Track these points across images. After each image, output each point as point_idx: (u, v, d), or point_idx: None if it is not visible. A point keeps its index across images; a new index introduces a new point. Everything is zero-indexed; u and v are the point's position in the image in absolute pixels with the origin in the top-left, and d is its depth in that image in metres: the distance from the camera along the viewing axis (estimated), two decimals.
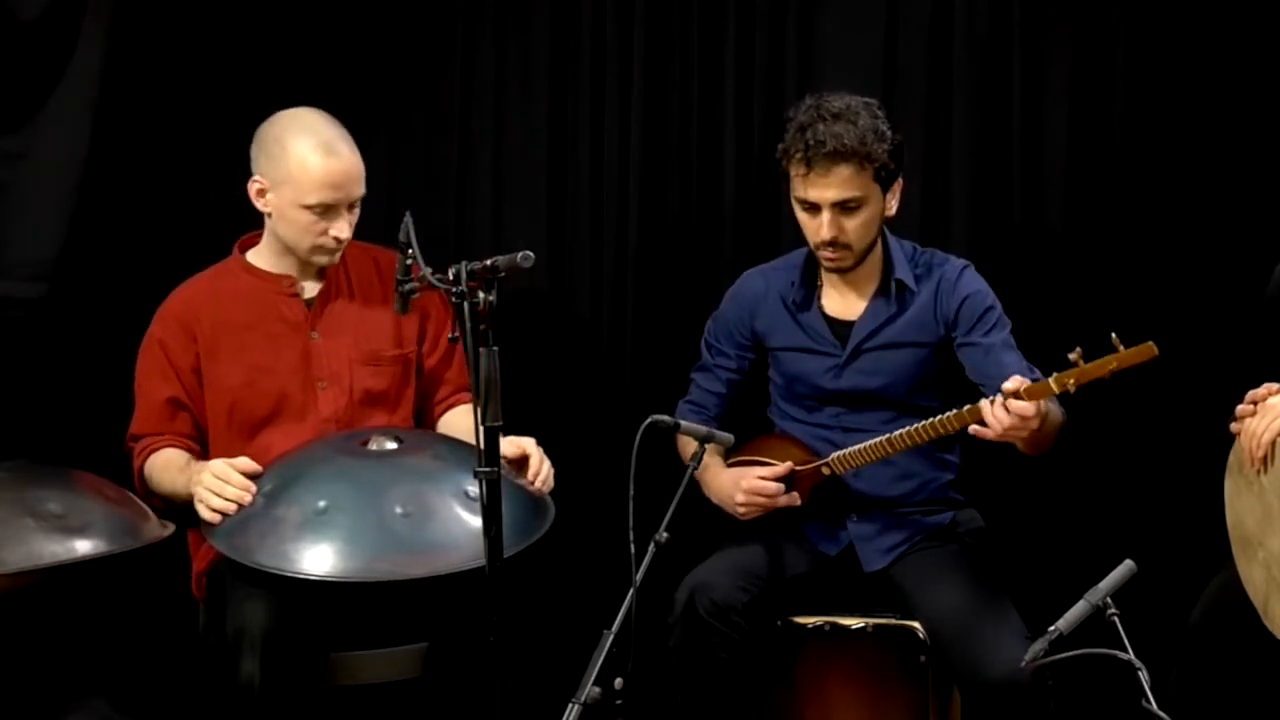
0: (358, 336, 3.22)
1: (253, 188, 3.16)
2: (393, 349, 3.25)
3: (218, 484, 2.94)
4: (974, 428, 2.96)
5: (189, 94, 3.81)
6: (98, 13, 3.55)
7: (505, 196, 3.89)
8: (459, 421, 3.24)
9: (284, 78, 3.85)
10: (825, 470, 3.22)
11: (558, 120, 3.86)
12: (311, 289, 3.24)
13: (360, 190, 3.15)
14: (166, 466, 3.12)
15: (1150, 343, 2.81)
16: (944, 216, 3.68)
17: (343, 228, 3.12)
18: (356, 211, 3.17)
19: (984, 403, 2.94)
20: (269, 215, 3.18)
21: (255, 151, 3.16)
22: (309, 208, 3.10)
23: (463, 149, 3.89)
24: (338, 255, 3.19)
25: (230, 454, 3.11)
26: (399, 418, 3.24)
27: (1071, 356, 2.84)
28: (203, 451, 3.19)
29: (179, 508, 3.06)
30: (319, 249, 3.15)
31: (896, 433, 3.11)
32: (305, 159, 3.08)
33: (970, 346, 3.19)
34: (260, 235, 3.27)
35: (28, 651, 3.36)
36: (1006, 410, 2.89)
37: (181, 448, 3.16)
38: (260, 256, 3.25)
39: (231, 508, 2.93)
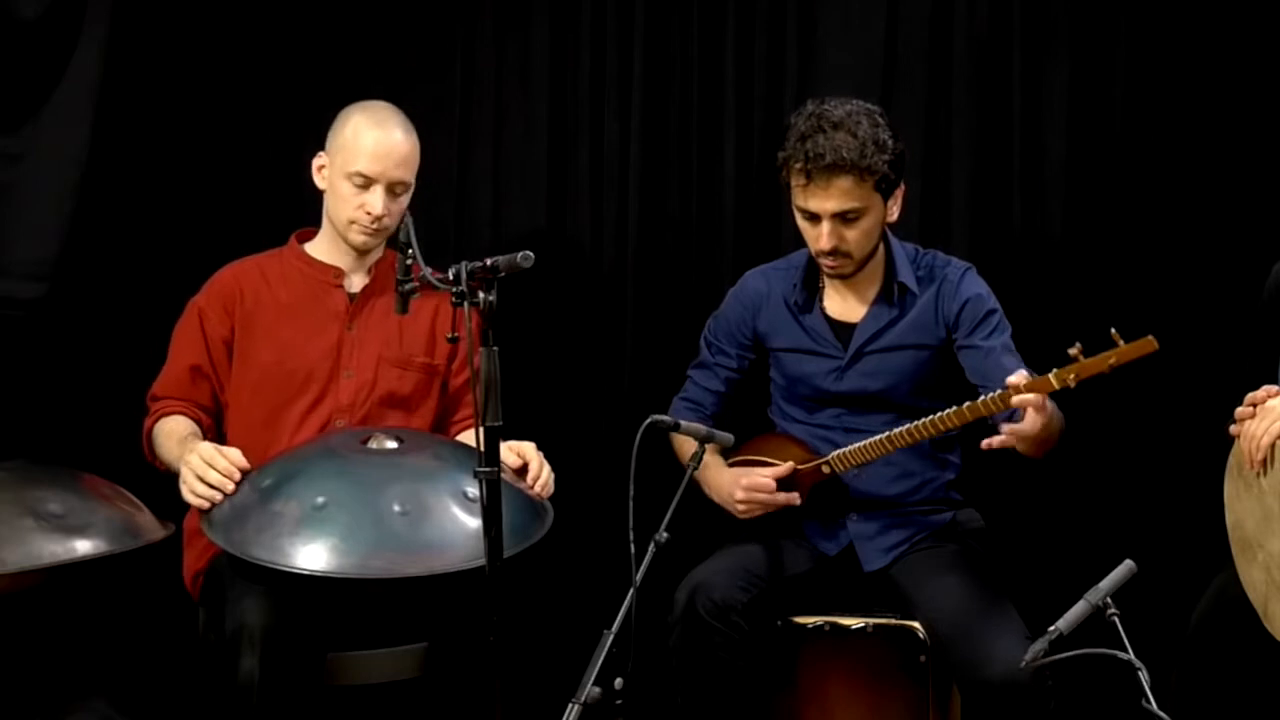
0: (391, 337, 3.26)
1: (315, 164, 3.27)
2: (423, 356, 3.28)
3: (202, 467, 2.95)
4: (991, 440, 2.95)
5: (189, 93, 3.81)
6: (98, 13, 3.55)
7: (505, 196, 3.89)
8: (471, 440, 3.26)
9: (283, 77, 3.86)
10: (825, 469, 3.22)
11: (558, 119, 3.86)
12: (358, 284, 3.29)
13: (404, 175, 3.21)
14: (170, 434, 3.16)
15: (1150, 336, 2.81)
16: (944, 217, 3.68)
17: (376, 203, 3.18)
18: (401, 203, 3.22)
19: (1005, 426, 2.92)
20: (325, 192, 3.26)
21: (329, 132, 3.28)
22: (350, 176, 3.18)
23: (462, 148, 3.89)
24: (375, 241, 3.24)
25: (247, 426, 3.18)
26: (417, 424, 3.25)
27: (1072, 352, 2.84)
28: (215, 424, 3.23)
29: (183, 510, 3.08)
30: (354, 224, 3.21)
31: (896, 430, 3.11)
32: (358, 128, 3.21)
33: (971, 349, 3.19)
34: (314, 232, 3.33)
35: (28, 651, 3.37)
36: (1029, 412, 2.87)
37: (193, 417, 3.20)
38: (315, 247, 3.32)
39: (214, 495, 2.93)
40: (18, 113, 3.55)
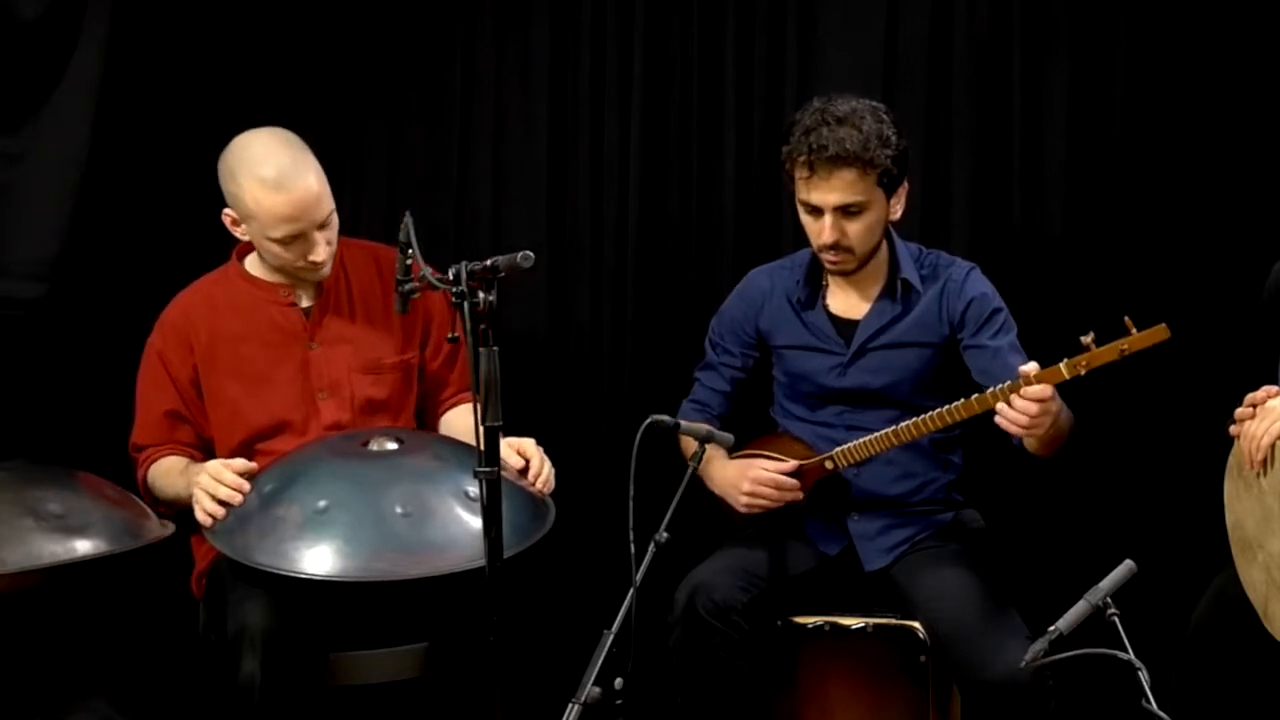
0: (358, 345, 3.20)
1: (226, 219, 3.15)
2: (394, 356, 3.22)
3: (212, 485, 2.95)
4: (1000, 419, 2.94)
5: (189, 93, 3.81)
6: (98, 13, 3.55)
7: (505, 196, 3.89)
8: (459, 420, 3.24)
9: (283, 77, 3.86)
10: (829, 465, 3.21)
11: (558, 119, 3.86)
12: (309, 297, 3.21)
13: (324, 211, 3.07)
14: (168, 472, 3.13)
15: (1163, 324, 2.82)
16: (944, 217, 3.68)
17: (318, 250, 3.07)
18: (333, 227, 3.11)
19: (1000, 405, 2.93)
20: (250, 242, 3.16)
21: (221, 182, 3.12)
22: (277, 240, 3.06)
23: (462, 148, 3.89)
24: (327, 269, 3.15)
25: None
26: (401, 422, 3.22)
27: (1084, 340, 2.85)
28: (205, 459, 3.16)
29: (185, 511, 3.06)
30: (303, 269, 3.12)
31: (901, 425, 3.11)
32: (259, 197, 3.02)
33: (977, 349, 3.20)
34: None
35: (28, 651, 3.36)
36: (1024, 399, 2.88)
37: (183, 455, 3.17)
38: (257, 265, 3.23)
39: (221, 511, 2.93)
40: (18, 113, 3.55)
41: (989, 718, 2.97)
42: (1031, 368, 2.91)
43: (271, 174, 3.01)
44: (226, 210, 3.12)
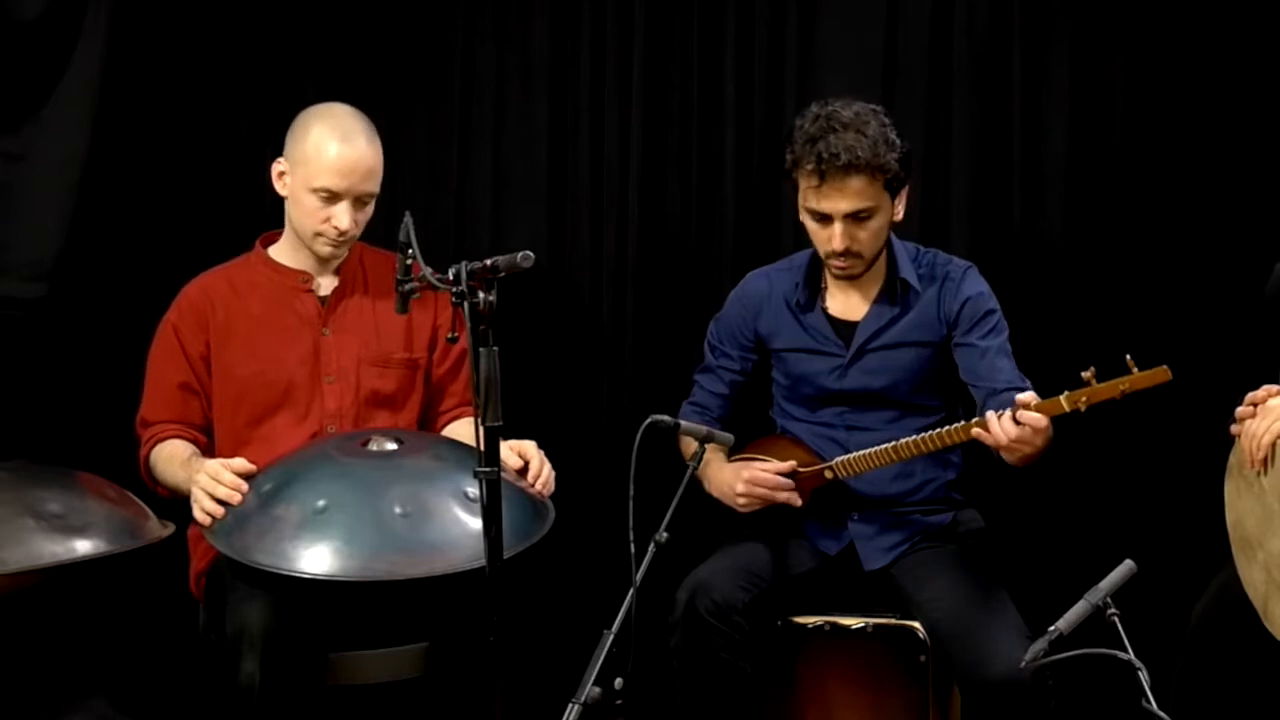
0: (368, 336, 3.24)
1: (274, 170, 3.22)
2: (402, 352, 3.26)
3: (211, 484, 2.95)
4: (976, 430, 2.96)
5: (189, 93, 3.81)
6: (98, 12, 3.56)
7: (505, 196, 3.89)
8: (461, 433, 3.26)
9: (283, 77, 3.86)
10: (828, 474, 3.22)
11: (558, 120, 3.86)
12: (327, 286, 3.27)
13: (370, 187, 3.18)
14: (171, 459, 3.14)
15: (1164, 366, 2.82)
16: (944, 217, 3.68)
17: (343, 219, 3.14)
18: (367, 211, 3.20)
19: (990, 415, 2.94)
20: (285, 199, 3.22)
21: (287, 137, 3.23)
22: (315, 191, 3.14)
23: (463, 149, 3.89)
24: (342, 250, 3.21)
25: (234, 441, 3.16)
26: (404, 420, 3.25)
27: (1085, 375, 2.84)
28: (209, 441, 3.21)
29: (182, 501, 3.07)
30: (320, 236, 3.18)
31: (902, 441, 3.11)
32: (320, 142, 3.14)
33: (966, 347, 3.20)
34: (279, 234, 3.30)
35: (28, 651, 3.36)
36: (1016, 422, 2.89)
37: (188, 439, 3.19)
38: (280, 252, 3.29)
39: (220, 510, 2.93)
40: (18, 113, 3.55)
41: (989, 718, 2.97)
42: (1029, 397, 2.90)
43: (343, 128, 3.16)
44: (278, 160, 3.21)
